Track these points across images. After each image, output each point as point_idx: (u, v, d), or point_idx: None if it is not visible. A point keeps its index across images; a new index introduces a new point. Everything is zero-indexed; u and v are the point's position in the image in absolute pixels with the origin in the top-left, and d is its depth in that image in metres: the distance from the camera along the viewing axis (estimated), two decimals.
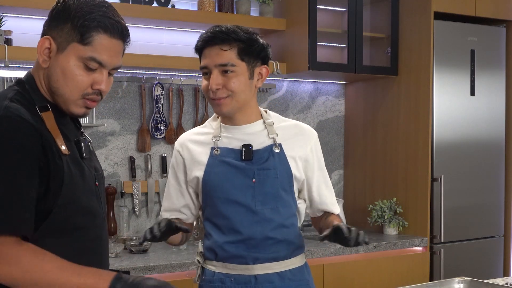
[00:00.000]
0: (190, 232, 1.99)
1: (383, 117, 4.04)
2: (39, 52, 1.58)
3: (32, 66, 3.29)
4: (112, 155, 3.52)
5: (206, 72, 2.03)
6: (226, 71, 1.99)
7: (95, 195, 1.65)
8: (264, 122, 2.11)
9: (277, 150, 2.06)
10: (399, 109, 3.95)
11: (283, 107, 4.05)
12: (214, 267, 2.08)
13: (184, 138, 2.17)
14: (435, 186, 3.80)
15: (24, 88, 1.59)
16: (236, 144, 2.07)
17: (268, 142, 2.08)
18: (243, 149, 2.05)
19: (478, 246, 3.99)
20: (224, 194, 2.03)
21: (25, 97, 1.57)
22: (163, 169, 3.63)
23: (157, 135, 3.61)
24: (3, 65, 3.08)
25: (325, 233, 1.88)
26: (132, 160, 3.55)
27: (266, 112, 2.15)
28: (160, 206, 3.61)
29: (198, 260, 2.13)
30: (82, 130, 1.73)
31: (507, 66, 4.11)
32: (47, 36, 1.58)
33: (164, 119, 3.62)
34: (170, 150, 3.66)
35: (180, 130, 3.64)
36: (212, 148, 2.08)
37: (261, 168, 2.04)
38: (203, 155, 2.09)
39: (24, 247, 1.46)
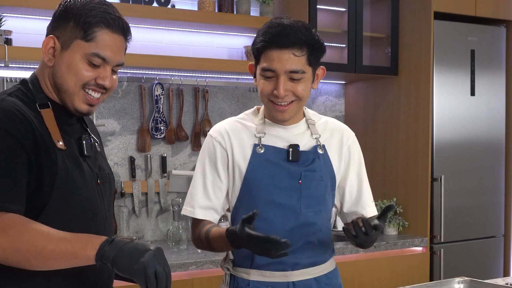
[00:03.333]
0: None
1: (383, 117, 4.04)
2: (44, 52, 1.62)
3: (32, 66, 3.31)
4: (112, 155, 3.52)
5: (270, 75, 1.88)
6: (295, 79, 1.86)
7: (96, 192, 1.66)
8: (306, 122, 2.01)
9: (321, 152, 1.97)
10: (399, 109, 3.95)
11: None
12: (248, 274, 1.94)
13: (224, 128, 1.99)
14: (435, 186, 3.80)
15: (27, 87, 1.64)
16: (281, 144, 1.96)
17: (312, 143, 1.98)
18: (290, 150, 1.94)
19: (478, 246, 3.99)
20: (267, 195, 1.91)
21: (26, 95, 1.61)
22: (163, 169, 3.63)
23: (157, 135, 3.61)
24: (3, 65, 3.08)
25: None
26: (132, 160, 3.55)
27: (305, 109, 2.04)
28: (160, 206, 3.62)
29: (227, 268, 1.98)
30: (88, 130, 1.75)
31: (507, 66, 4.11)
32: (51, 35, 1.61)
33: (164, 119, 3.62)
34: (170, 150, 3.66)
35: (180, 130, 3.64)
36: (255, 145, 1.94)
37: (307, 169, 1.94)
38: (245, 150, 1.95)
39: (9, 217, 1.45)
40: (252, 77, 2.01)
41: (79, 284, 1.61)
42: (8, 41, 3.09)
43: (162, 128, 3.62)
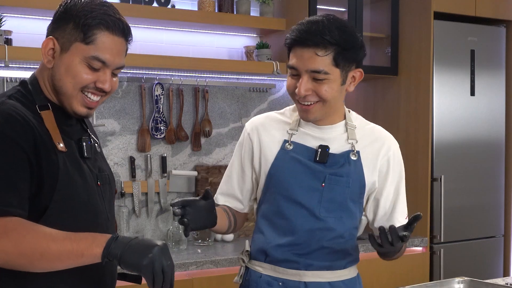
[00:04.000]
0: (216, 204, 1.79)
1: (383, 117, 4.04)
2: (43, 53, 1.60)
3: (32, 66, 3.31)
4: (112, 155, 3.52)
5: (295, 73, 1.85)
6: (318, 79, 1.81)
7: (97, 194, 1.66)
8: (346, 124, 1.95)
9: (354, 158, 1.91)
10: (399, 109, 3.95)
11: (283, 107, 4.02)
12: (262, 268, 1.94)
13: (258, 121, 2.01)
14: (435, 186, 3.80)
15: (26, 89, 1.62)
16: (312, 143, 1.92)
17: (346, 147, 1.92)
18: (319, 150, 1.89)
19: (478, 246, 3.99)
20: (288, 193, 1.89)
21: (26, 97, 1.60)
22: (163, 169, 3.63)
23: (157, 135, 3.61)
24: (3, 65, 3.08)
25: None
26: (132, 160, 3.55)
27: (349, 112, 2.00)
28: (160, 206, 3.63)
29: (243, 260, 1.99)
30: (88, 132, 1.73)
31: (507, 66, 4.11)
32: (50, 37, 1.59)
33: (164, 119, 3.62)
34: (170, 150, 3.66)
35: (180, 130, 3.64)
36: (285, 141, 1.92)
37: (333, 173, 1.88)
38: (274, 145, 1.93)
39: (10, 220, 1.44)
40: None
41: (81, 286, 1.60)
42: (8, 41, 3.09)
43: (162, 128, 3.62)
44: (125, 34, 1.61)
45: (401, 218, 1.98)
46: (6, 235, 1.42)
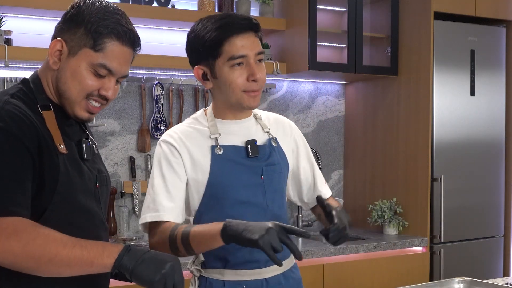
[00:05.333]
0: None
1: (383, 117, 4.04)
2: (50, 54, 1.58)
3: (32, 66, 3.30)
4: (112, 155, 3.52)
5: (241, 62, 1.83)
6: (260, 60, 1.85)
7: (94, 196, 1.65)
8: (254, 116, 1.99)
9: (274, 144, 1.96)
10: (399, 109, 3.95)
11: (283, 107, 4.05)
12: (221, 275, 1.90)
13: (178, 133, 1.93)
14: (435, 186, 3.80)
15: (28, 87, 1.61)
16: (237, 140, 1.92)
17: (265, 136, 1.97)
18: (249, 146, 1.90)
19: (478, 246, 3.99)
20: (234, 195, 1.87)
21: (27, 95, 1.59)
22: None
23: (157, 135, 3.61)
24: (3, 65, 3.08)
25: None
26: (132, 160, 3.55)
27: None
28: None
29: (198, 270, 1.93)
30: (87, 132, 1.73)
31: (507, 66, 4.11)
32: (59, 38, 1.58)
33: (164, 119, 3.62)
34: None
35: None
36: (213, 147, 1.89)
37: (267, 164, 1.92)
38: (203, 155, 1.89)
39: (20, 221, 1.43)
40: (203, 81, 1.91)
41: (76, 286, 1.60)
42: (8, 41, 3.09)
43: (162, 128, 3.62)
44: (134, 44, 1.62)
45: (323, 186, 2.08)
46: (15, 236, 1.41)
